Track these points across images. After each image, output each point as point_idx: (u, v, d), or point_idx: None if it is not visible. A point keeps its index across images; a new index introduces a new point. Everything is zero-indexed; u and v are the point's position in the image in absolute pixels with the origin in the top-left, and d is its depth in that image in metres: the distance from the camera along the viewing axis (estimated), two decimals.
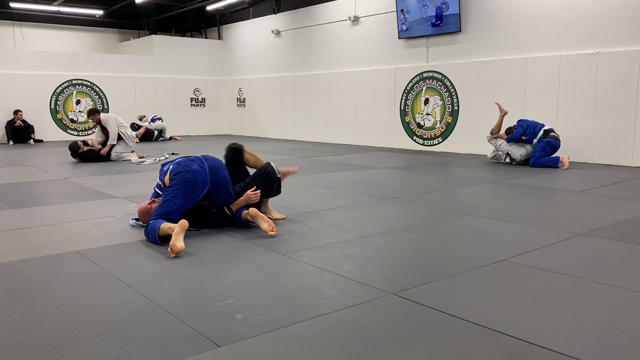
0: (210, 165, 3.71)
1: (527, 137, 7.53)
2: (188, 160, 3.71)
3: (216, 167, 3.74)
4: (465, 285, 2.66)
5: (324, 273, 2.84)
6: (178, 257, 3.13)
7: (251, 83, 14.56)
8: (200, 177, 3.61)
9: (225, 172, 3.80)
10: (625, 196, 5.18)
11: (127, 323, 2.19)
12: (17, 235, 3.75)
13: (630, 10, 7.37)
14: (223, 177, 3.75)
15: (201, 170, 3.64)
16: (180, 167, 3.64)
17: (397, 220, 4.20)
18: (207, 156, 3.80)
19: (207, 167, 3.68)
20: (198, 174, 3.61)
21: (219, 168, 3.77)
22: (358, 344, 2.01)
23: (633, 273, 2.84)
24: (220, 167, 3.80)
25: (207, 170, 3.66)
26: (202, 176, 3.62)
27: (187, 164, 3.66)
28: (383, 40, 10.80)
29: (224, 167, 3.86)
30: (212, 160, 3.77)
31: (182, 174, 3.59)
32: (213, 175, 3.68)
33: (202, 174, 3.63)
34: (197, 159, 3.71)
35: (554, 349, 1.95)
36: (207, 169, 3.66)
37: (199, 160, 3.69)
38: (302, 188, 5.70)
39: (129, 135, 8.66)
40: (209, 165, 3.70)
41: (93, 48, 15.53)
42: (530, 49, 8.50)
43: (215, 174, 3.70)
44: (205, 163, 3.70)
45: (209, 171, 3.67)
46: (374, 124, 11.15)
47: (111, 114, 8.83)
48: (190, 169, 3.61)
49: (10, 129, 12.13)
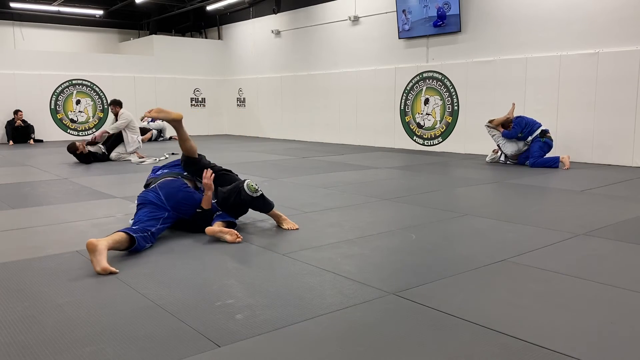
0: (166, 193, 3.66)
1: (523, 135, 7.56)
2: (144, 193, 3.72)
3: (170, 194, 3.67)
4: (465, 285, 2.66)
5: (324, 273, 2.84)
6: (178, 257, 3.13)
7: (251, 83, 14.56)
8: (158, 202, 3.61)
9: (181, 194, 3.70)
10: (625, 196, 5.18)
11: (127, 323, 2.19)
12: (17, 235, 3.75)
13: (630, 10, 7.37)
14: (182, 199, 3.69)
15: (156, 198, 3.63)
16: (139, 199, 3.68)
17: (397, 220, 4.20)
18: (162, 183, 3.76)
19: (162, 194, 3.65)
20: (156, 199, 3.62)
21: (174, 192, 3.69)
22: (358, 344, 2.01)
23: (633, 273, 2.84)
24: (176, 191, 3.70)
25: (162, 198, 3.63)
26: (159, 202, 3.61)
27: (144, 195, 3.68)
28: (383, 40, 10.80)
29: (180, 189, 3.73)
30: (166, 188, 3.71)
31: (141, 200, 3.65)
32: (170, 202, 3.63)
33: (159, 201, 3.62)
34: (152, 190, 3.71)
35: (554, 349, 1.95)
36: (162, 197, 3.64)
37: (153, 191, 3.68)
38: (302, 188, 5.70)
39: (133, 139, 8.64)
40: (164, 192, 3.66)
41: (93, 48, 15.52)
42: (530, 49, 8.50)
43: (172, 200, 3.64)
44: (160, 192, 3.67)
45: (165, 197, 3.64)
46: (374, 124, 11.15)
47: (131, 115, 8.73)
48: (146, 199, 3.63)
49: (10, 129, 12.13)
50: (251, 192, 3.65)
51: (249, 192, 3.65)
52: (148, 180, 4.03)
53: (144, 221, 3.41)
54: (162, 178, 3.88)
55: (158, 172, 4.10)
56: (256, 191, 3.67)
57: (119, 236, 3.11)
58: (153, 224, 3.42)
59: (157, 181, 3.84)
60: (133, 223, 3.48)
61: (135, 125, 8.73)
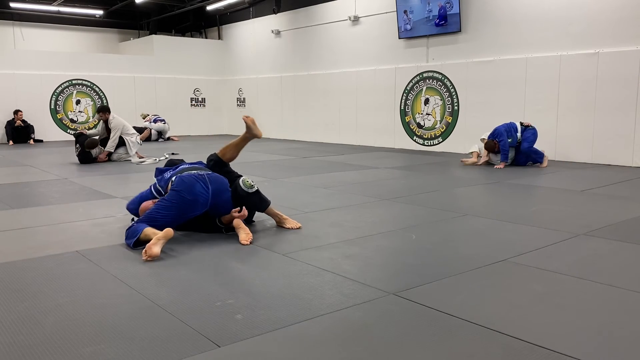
0: (214, 189, 3.53)
1: (512, 139, 7.52)
2: (192, 179, 3.52)
3: (219, 191, 3.56)
4: (465, 285, 2.66)
5: (324, 273, 2.84)
6: (178, 258, 3.13)
7: (251, 83, 14.56)
8: (202, 199, 3.48)
9: (227, 195, 3.60)
10: (625, 196, 5.17)
11: (127, 323, 2.19)
12: (17, 235, 3.74)
13: (630, 10, 7.37)
14: (224, 201, 3.58)
15: (204, 193, 3.48)
16: (183, 185, 3.48)
17: (397, 220, 4.20)
18: (211, 176, 3.61)
19: (210, 190, 3.51)
20: (200, 196, 3.47)
21: (222, 191, 3.57)
22: (358, 344, 2.01)
23: (633, 273, 2.84)
24: (224, 190, 3.59)
25: (209, 195, 3.50)
26: (203, 199, 3.48)
27: (190, 183, 3.48)
28: (383, 40, 10.80)
29: (227, 188, 3.63)
30: (216, 183, 3.57)
31: (181, 193, 3.44)
32: (214, 200, 3.53)
33: (203, 196, 3.48)
34: (201, 179, 3.53)
35: (554, 349, 1.95)
36: (209, 193, 3.50)
37: (202, 181, 3.52)
38: (302, 188, 5.70)
39: (133, 142, 8.60)
40: (213, 188, 3.52)
41: (93, 48, 15.52)
42: (530, 49, 8.50)
43: (218, 197, 3.54)
44: (210, 186, 3.52)
45: (212, 195, 3.51)
46: (374, 124, 11.15)
47: (121, 119, 8.60)
48: (193, 190, 3.45)
49: (10, 129, 12.13)
50: (247, 188, 3.67)
51: (245, 188, 3.66)
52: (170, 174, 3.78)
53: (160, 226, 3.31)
54: (202, 170, 3.71)
55: (167, 176, 3.82)
56: (252, 187, 3.69)
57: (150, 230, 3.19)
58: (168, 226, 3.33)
59: (196, 170, 3.66)
60: (152, 213, 3.40)
61: (129, 127, 8.62)
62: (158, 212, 3.43)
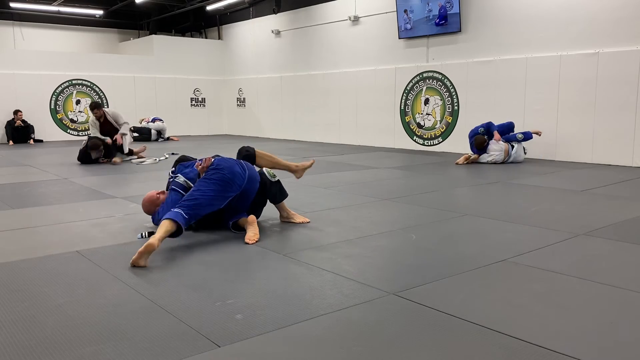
0: (250, 175, 3.66)
1: (505, 137, 7.95)
2: (232, 160, 3.68)
3: (254, 178, 3.69)
4: (465, 285, 2.66)
5: (324, 273, 2.84)
6: (178, 258, 3.13)
7: (251, 83, 14.56)
8: (238, 180, 3.56)
9: (257, 186, 3.72)
10: (625, 196, 5.18)
11: (127, 323, 2.19)
12: (17, 235, 3.74)
13: (630, 10, 7.37)
14: (253, 190, 3.69)
15: (241, 174, 3.58)
16: (224, 163, 3.59)
17: (397, 220, 4.20)
18: (247, 163, 3.75)
19: (247, 174, 3.63)
20: (237, 176, 3.55)
21: (255, 180, 3.70)
22: (358, 344, 2.01)
23: (633, 273, 2.84)
24: (257, 180, 3.73)
25: (245, 178, 3.60)
26: (239, 180, 3.57)
27: (230, 164, 3.61)
28: (383, 40, 10.80)
29: (259, 179, 3.75)
30: (252, 170, 3.72)
31: (222, 171, 3.52)
32: (248, 185, 3.62)
33: (240, 178, 3.57)
34: (238, 163, 3.66)
35: (554, 349, 1.95)
36: (246, 176, 3.61)
37: (240, 165, 3.65)
38: (302, 188, 5.69)
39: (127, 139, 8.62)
40: (249, 173, 3.66)
41: (93, 48, 15.52)
42: (530, 49, 8.50)
43: (250, 184, 3.65)
44: (247, 170, 3.65)
45: (247, 179, 3.62)
46: (374, 124, 11.14)
47: (114, 109, 8.63)
48: (232, 169, 3.56)
49: (10, 129, 12.13)
50: (270, 177, 3.85)
51: (269, 177, 3.83)
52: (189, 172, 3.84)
53: (203, 205, 3.35)
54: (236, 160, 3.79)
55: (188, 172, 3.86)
56: (274, 176, 3.88)
57: (170, 226, 3.15)
58: (208, 210, 3.40)
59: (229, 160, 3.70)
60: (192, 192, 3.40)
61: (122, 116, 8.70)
62: (198, 189, 3.46)
